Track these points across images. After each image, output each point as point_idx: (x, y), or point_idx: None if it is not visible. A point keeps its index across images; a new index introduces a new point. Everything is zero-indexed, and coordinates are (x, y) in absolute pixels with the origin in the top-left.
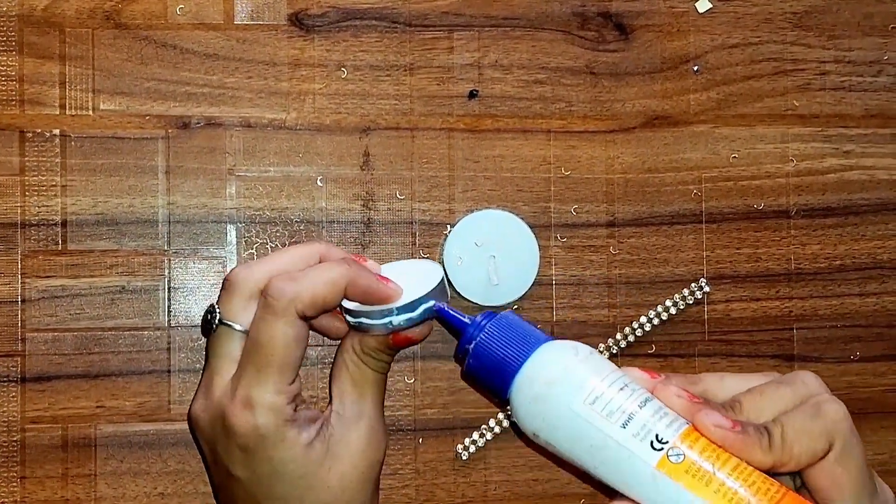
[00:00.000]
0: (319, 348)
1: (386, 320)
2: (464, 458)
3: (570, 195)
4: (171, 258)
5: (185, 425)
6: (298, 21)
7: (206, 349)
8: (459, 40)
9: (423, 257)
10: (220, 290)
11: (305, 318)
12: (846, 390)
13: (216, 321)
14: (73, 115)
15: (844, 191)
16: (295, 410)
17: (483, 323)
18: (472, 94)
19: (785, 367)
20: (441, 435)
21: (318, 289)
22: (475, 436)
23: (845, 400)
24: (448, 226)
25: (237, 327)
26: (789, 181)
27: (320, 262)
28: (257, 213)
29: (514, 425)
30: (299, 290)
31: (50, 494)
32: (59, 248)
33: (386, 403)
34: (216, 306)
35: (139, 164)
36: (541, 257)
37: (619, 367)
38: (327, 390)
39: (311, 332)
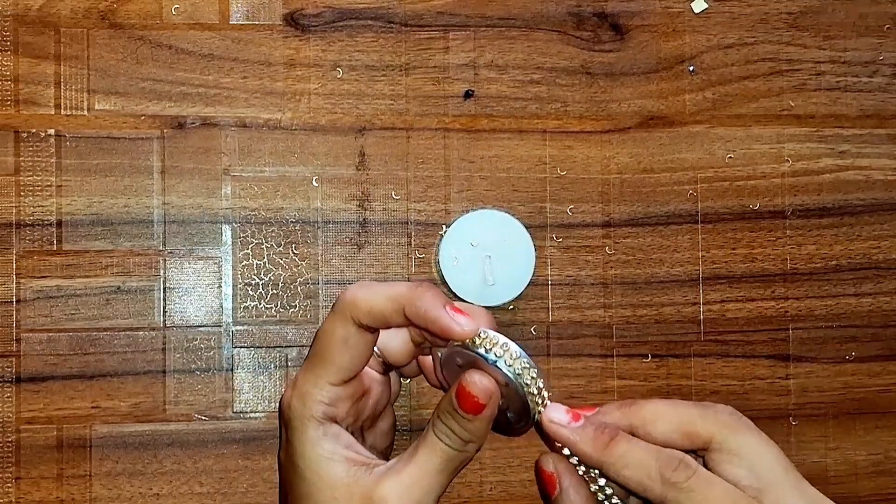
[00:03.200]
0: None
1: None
2: None
3: (566, 195)
4: (167, 258)
5: (181, 426)
6: (294, 21)
7: None
8: (455, 40)
9: (419, 257)
10: None
11: (361, 326)
12: (841, 390)
13: None
14: (68, 115)
15: (840, 191)
16: (334, 421)
17: None
18: (468, 94)
19: (780, 366)
20: None
21: (376, 299)
22: None
23: (841, 400)
24: (444, 226)
25: None
26: (785, 181)
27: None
28: (253, 213)
29: None
30: (359, 296)
31: (45, 495)
32: (55, 249)
33: None
34: None
35: (134, 164)
36: (536, 257)
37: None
38: None
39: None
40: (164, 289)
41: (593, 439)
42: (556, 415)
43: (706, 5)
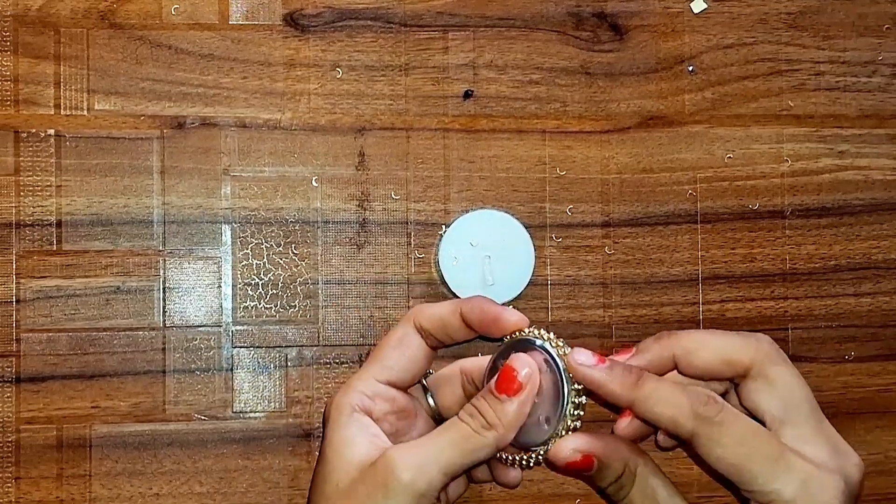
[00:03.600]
0: (315, 348)
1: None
2: None
3: (566, 195)
4: (167, 258)
5: (180, 426)
6: (293, 21)
7: None
8: (454, 40)
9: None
10: None
11: (421, 331)
12: (841, 390)
13: None
14: (67, 115)
15: (839, 191)
16: (368, 414)
17: None
18: (468, 95)
19: None
20: None
21: (437, 306)
22: None
23: (840, 400)
24: (443, 226)
25: None
26: (784, 181)
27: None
28: (252, 213)
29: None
30: (424, 306)
31: (45, 495)
32: (54, 249)
33: None
34: None
35: (134, 164)
36: (536, 257)
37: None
38: (323, 391)
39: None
40: (164, 289)
41: (622, 378)
42: (582, 357)
43: (705, 5)
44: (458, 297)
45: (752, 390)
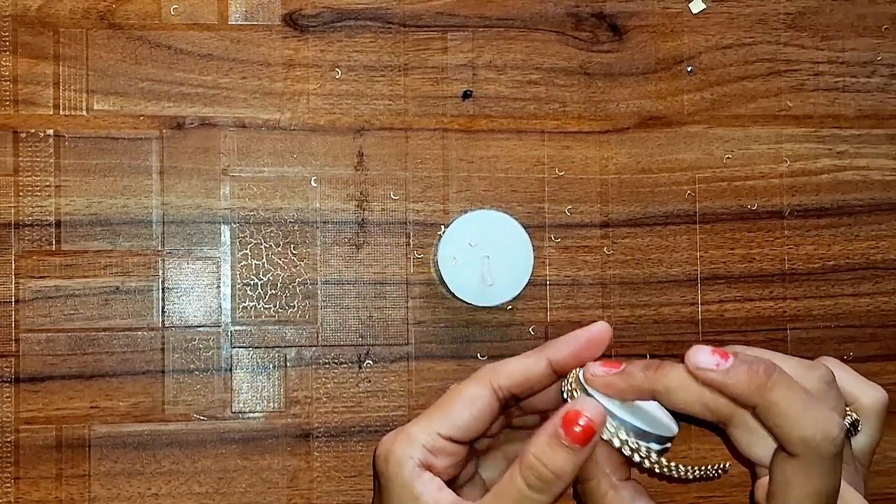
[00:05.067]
0: (314, 348)
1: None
2: None
3: (564, 195)
4: (166, 258)
5: (179, 426)
6: (293, 21)
7: None
8: (453, 41)
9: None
10: None
11: (500, 394)
12: None
13: None
14: (67, 116)
15: (838, 191)
16: (435, 473)
17: None
18: (466, 95)
19: None
20: None
21: (518, 361)
22: None
23: None
24: (442, 226)
25: None
26: (783, 182)
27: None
28: (251, 213)
29: None
30: (499, 364)
31: (44, 495)
32: (53, 249)
33: (381, 404)
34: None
35: (133, 164)
36: (535, 258)
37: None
38: (322, 391)
39: None
40: (163, 289)
41: (748, 381)
42: (703, 357)
43: (704, 6)
44: (458, 297)
45: (736, 438)
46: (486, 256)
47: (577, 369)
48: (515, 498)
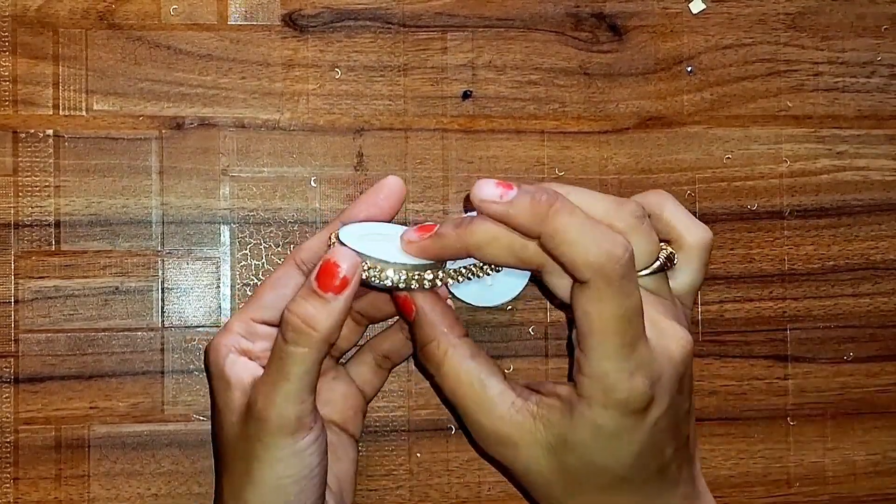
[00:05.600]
0: None
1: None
2: (453, 431)
3: None
4: (165, 259)
5: (179, 426)
6: (292, 21)
7: None
8: (453, 41)
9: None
10: None
11: (304, 268)
12: (839, 391)
13: None
14: (66, 116)
15: (838, 191)
16: (254, 358)
17: None
18: (466, 95)
19: (779, 367)
20: (435, 436)
21: (315, 237)
22: None
23: (839, 400)
24: None
25: None
26: (783, 182)
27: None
28: (251, 213)
29: None
30: (304, 242)
31: (43, 495)
32: (53, 249)
33: (380, 405)
34: None
35: (133, 164)
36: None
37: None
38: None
39: None
40: (163, 289)
41: (531, 210)
42: (487, 190)
43: (704, 6)
44: (457, 297)
45: (552, 285)
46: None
47: (332, 234)
48: (278, 355)
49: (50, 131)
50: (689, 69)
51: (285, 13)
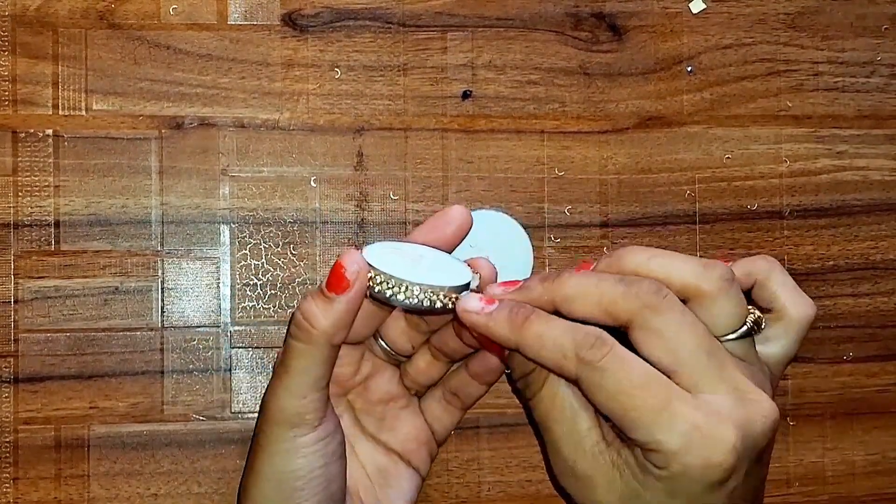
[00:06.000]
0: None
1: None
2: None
3: (564, 196)
4: (165, 259)
5: (178, 426)
6: (292, 21)
7: None
8: (453, 41)
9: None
10: None
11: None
12: (839, 391)
13: None
14: (66, 116)
15: (837, 191)
16: None
17: None
18: (466, 95)
19: None
20: None
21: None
22: None
23: (838, 400)
24: None
25: None
26: (782, 182)
27: None
28: (251, 213)
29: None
30: None
31: (43, 495)
32: (52, 249)
33: None
34: None
35: (132, 164)
36: (534, 258)
37: None
38: None
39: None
40: (162, 289)
41: (508, 321)
42: (470, 304)
43: (704, 6)
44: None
45: (638, 340)
46: (485, 257)
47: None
48: (284, 350)
49: (49, 131)
50: (689, 69)
51: (285, 13)
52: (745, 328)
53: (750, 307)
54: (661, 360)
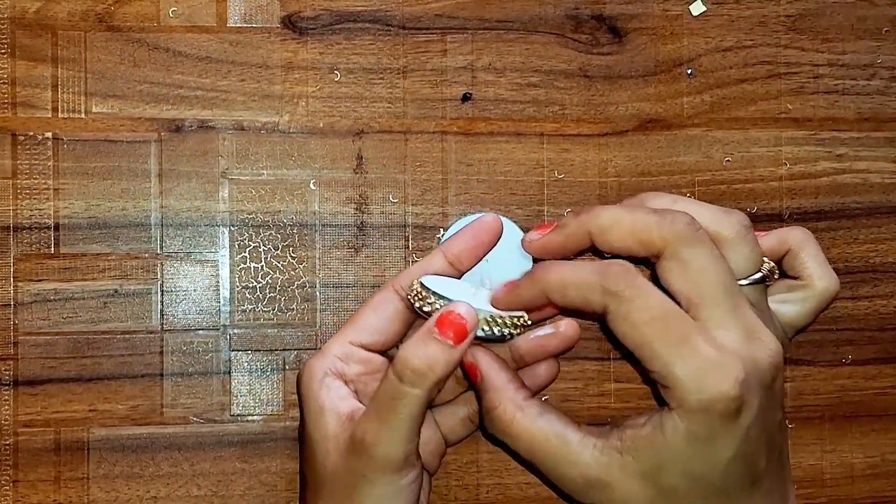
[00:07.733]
0: (313, 351)
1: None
2: None
3: (564, 198)
4: (164, 261)
5: (178, 429)
6: (291, 24)
7: None
8: (453, 43)
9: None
10: None
11: (402, 294)
12: (838, 393)
13: None
14: (65, 118)
15: (837, 194)
16: (340, 378)
17: None
18: (466, 97)
19: None
20: None
21: (417, 266)
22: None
23: (837, 403)
24: (441, 229)
25: None
26: (782, 184)
27: None
28: (250, 216)
29: None
30: (405, 271)
31: (43, 498)
32: (52, 252)
33: None
34: None
35: (132, 167)
36: (534, 261)
37: None
38: None
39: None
40: (162, 292)
41: (529, 282)
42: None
43: (704, 8)
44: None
45: (665, 270)
46: (484, 260)
47: (416, 280)
48: (391, 394)
49: (49, 134)
50: (689, 71)
51: (284, 15)
52: (759, 275)
53: (764, 258)
54: (683, 291)
